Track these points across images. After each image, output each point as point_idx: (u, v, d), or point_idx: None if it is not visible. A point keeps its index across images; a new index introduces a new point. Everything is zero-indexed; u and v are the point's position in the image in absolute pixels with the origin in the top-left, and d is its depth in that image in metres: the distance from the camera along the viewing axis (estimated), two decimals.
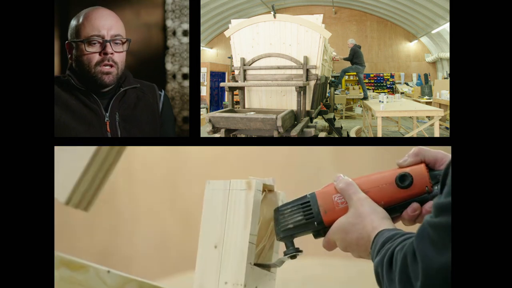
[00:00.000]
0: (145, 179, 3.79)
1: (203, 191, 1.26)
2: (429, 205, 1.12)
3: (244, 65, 5.18)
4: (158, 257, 3.75)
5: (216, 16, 11.69)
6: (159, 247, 3.77)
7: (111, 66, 2.03)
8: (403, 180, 1.13)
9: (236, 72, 5.29)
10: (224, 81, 10.85)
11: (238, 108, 5.33)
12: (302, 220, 1.17)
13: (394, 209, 1.14)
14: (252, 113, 4.50)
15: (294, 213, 1.18)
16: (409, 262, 0.95)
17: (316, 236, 1.19)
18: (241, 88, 5.20)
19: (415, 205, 1.13)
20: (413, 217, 1.13)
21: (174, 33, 2.91)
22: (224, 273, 1.20)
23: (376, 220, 1.10)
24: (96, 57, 2.02)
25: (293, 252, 1.19)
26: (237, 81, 5.30)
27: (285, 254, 1.20)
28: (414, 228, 1.06)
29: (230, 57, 8.68)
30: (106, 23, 2.03)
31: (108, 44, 2.02)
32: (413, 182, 1.13)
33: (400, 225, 1.18)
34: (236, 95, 5.21)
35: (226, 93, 9.36)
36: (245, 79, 5.20)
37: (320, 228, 1.17)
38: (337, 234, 1.14)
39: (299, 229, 1.18)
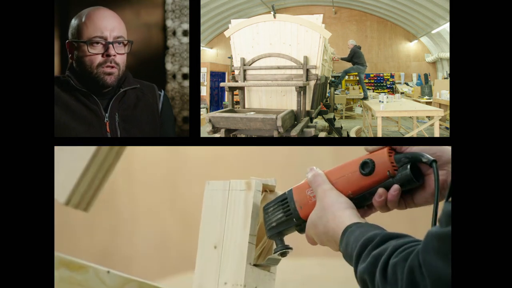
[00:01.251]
0: (145, 179, 3.79)
1: (203, 191, 1.27)
2: (392, 189, 1.10)
3: (244, 65, 5.18)
4: (158, 257, 3.75)
5: (216, 16, 11.68)
6: (159, 247, 3.77)
7: (113, 67, 2.02)
8: (364, 167, 1.12)
9: (236, 72, 5.29)
10: (224, 81, 10.84)
11: (238, 108, 5.33)
12: (282, 217, 1.18)
13: (364, 197, 1.13)
14: (252, 113, 4.50)
15: (275, 211, 1.19)
16: (417, 277, 0.91)
17: (301, 231, 1.19)
18: (241, 88, 5.20)
19: (380, 190, 1.11)
20: (381, 203, 1.11)
21: (174, 33, 2.91)
22: (224, 274, 1.20)
23: (338, 212, 1.09)
24: (99, 59, 2.01)
25: (282, 249, 1.19)
26: (237, 81, 5.30)
27: (274, 251, 1.20)
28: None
29: (230, 57, 8.68)
30: (109, 24, 2.02)
31: (110, 45, 2.01)
32: (375, 168, 1.11)
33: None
34: (236, 95, 5.21)
35: (226, 93, 9.36)
36: (245, 79, 5.20)
37: (301, 223, 1.17)
38: (310, 229, 1.14)
39: (282, 226, 1.18)
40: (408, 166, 1.09)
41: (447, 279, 0.88)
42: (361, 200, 1.13)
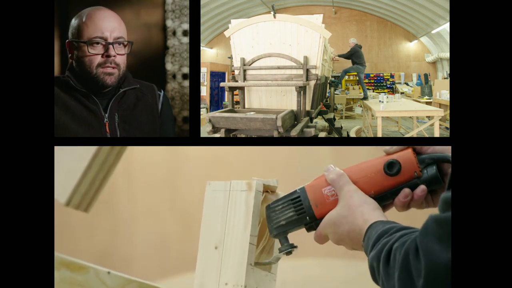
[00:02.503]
0: (144, 179, 3.78)
1: (203, 192, 1.26)
2: (420, 189, 1.12)
3: (244, 65, 5.18)
4: (158, 257, 3.75)
5: (216, 16, 11.68)
6: (159, 248, 3.77)
7: (113, 68, 2.02)
8: (391, 167, 1.14)
9: (236, 72, 5.29)
10: (224, 81, 10.85)
11: (238, 108, 5.33)
12: (294, 216, 1.18)
13: (385, 197, 1.15)
14: (252, 113, 4.50)
15: (285, 209, 1.19)
16: (411, 260, 0.94)
17: (309, 229, 1.19)
18: (241, 88, 5.20)
19: (406, 190, 1.13)
20: (405, 203, 1.14)
21: (174, 33, 2.91)
22: (225, 274, 1.20)
23: (367, 212, 1.10)
24: (98, 59, 2.01)
25: (288, 249, 1.20)
26: (237, 81, 5.30)
27: (280, 250, 1.21)
28: (411, 221, 1.06)
29: (230, 57, 8.68)
30: (109, 25, 2.02)
31: (111, 46, 2.00)
32: (401, 168, 1.13)
33: (393, 212, 1.18)
34: (236, 95, 5.21)
35: (226, 93, 9.36)
36: (245, 79, 5.20)
37: (313, 222, 1.17)
38: (329, 228, 1.15)
39: (292, 224, 1.18)
40: (435, 167, 1.11)
41: (443, 264, 0.89)
42: (382, 200, 1.15)
